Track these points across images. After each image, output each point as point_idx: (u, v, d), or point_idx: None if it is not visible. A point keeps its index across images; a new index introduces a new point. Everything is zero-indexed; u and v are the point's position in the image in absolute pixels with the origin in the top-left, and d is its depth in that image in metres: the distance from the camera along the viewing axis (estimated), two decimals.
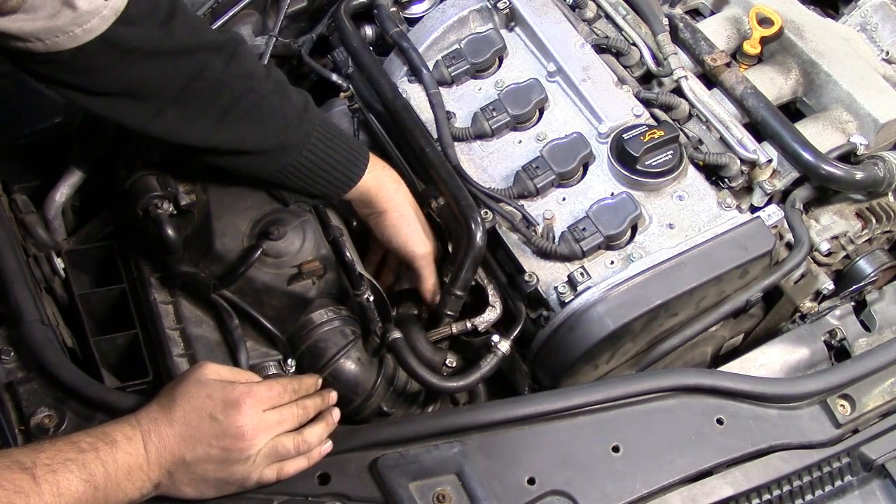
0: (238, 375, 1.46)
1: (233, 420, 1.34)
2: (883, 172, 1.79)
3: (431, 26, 2.02)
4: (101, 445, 1.27)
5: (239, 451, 1.34)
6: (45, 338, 1.50)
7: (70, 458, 1.23)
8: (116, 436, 1.29)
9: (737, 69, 1.92)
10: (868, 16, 2.12)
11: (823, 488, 1.55)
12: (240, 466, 1.35)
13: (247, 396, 1.37)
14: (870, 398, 1.59)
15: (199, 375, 1.39)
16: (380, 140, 2.06)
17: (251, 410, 1.36)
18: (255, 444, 1.35)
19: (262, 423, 1.37)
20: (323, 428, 1.44)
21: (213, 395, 1.36)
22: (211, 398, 1.35)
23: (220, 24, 2.13)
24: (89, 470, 1.23)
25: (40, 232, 1.75)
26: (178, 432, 1.32)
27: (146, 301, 1.75)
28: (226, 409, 1.34)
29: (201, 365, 1.42)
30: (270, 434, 1.37)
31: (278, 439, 1.38)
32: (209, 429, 1.33)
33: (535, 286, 1.67)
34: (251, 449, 1.35)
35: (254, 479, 1.37)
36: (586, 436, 1.49)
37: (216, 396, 1.35)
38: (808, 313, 1.85)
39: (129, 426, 1.32)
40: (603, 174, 1.80)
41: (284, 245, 1.69)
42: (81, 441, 1.26)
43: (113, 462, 1.26)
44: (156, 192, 1.70)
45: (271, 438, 1.37)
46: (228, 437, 1.34)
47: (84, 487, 1.22)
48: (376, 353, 1.71)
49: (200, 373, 1.40)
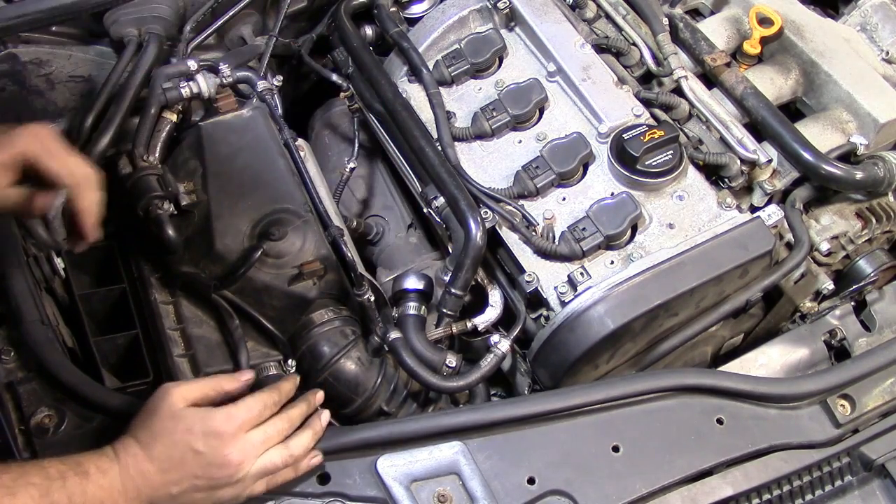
0: (204, 388, 1.39)
1: (216, 451, 1.31)
2: (883, 172, 1.79)
3: (431, 26, 2.02)
4: (71, 475, 1.22)
5: (227, 478, 1.32)
6: (45, 338, 1.50)
7: (33, 483, 1.18)
8: (90, 467, 1.24)
9: (737, 69, 1.92)
10: (868, 16, 2.12)
11: (823, 488, 1.56)
12: (229, 489, 1.33)
13: (227, 424, 1.32)
14: (870, 398, 1.59)
15: (172, 408, 1.32)
16: (380, 140, 2.07)
17: (233, 437, 1.33)
18: (243, 468, 1.33)
19: (247, 446, 1.33)
20: (309, 437, 1.41)
21: (193, 428, 1.31)
22: (191, 432, 1.30)
23: (221, 24, 2.13)
24: (52, 499, 1.18)
25: (40, 232, 1.74)
26: (159, 468, 1.29)
27: (146, 301, 1.75)
28: (207, 440, 1.31)
29: (167, 393, 1.34)
30: (257, 454, 1.34)
31: (266, 456, 1.36)
32: (193, 462, 1.30)
33: (535, 286, 1.67)
34: (239, 473, 1.33)
35: (244, 496, 1.35)
36: (586, 436, 1.49)
37: (196, 430, 1.31)
38: (808, 313, 1.85)
39: (106, 459, 1.28)
40: (603, 174, 1.80)
41: (285, 245, 1.69)
42: (51, 467, 1.21)
43: (81, 494, 1.22)
44: (156, 192, 1.70)
45: (261, 459, 1.35)
46: (214, 467, 1.31)
47: None
48: (377, 353, 1.71)
49: (170, 404, 1.33)
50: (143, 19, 1.97)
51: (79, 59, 1.95)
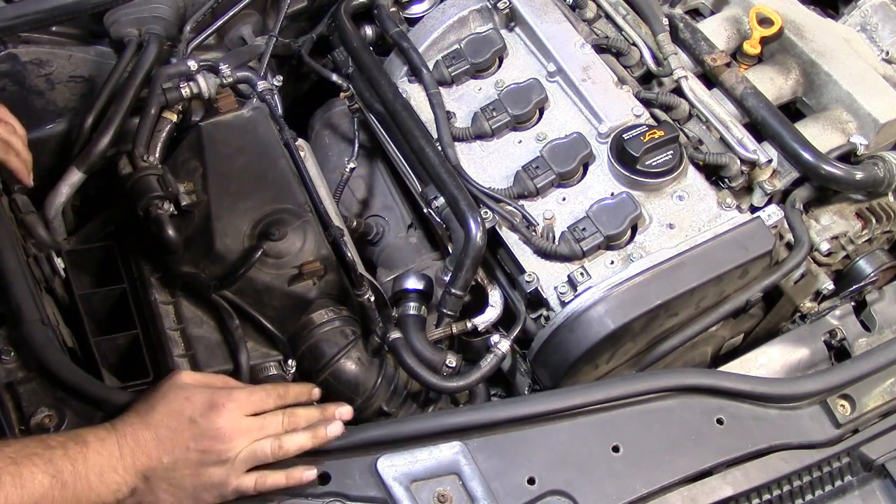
0: (214, 380, 1.43)
1: (211, 422, 1.32)
2: (883, 172, 1.79)
3: (431, 26, 2.02)
4: (71, 444, 1.25)
5: (217, 453, 1.32)
6: (45, 338, 1.49)
7: (36, 454, 1.21)
8: (88, 437, 1.28)
9: (737, 69, 1.92)
10: (868, 16, 2.12)
11: (823, 488, 1.55)
12: (217, 469, 1.33)
13: (227, 400, 1.35)
14: (870, 398, 1.59)
15: (177, 381, 1.37)
16: (380, 140, 2.07)
17: (230, 413, 1.34)
18: (234, 447, 1.33)
19: (242, 426, 1.34)
20: (306, 439, 1.39)
21: (192, 398, 1.34)
22: (190, 401, 1.34)
23: (221, 24, 2.13)
24: (56, 466, 1.22)
25: (40, 232, 1.74)
26: (155, 435, 1.30)
27: (147, 301, 1.75)
28: (205, 411, 1.33)
29: (176, 372, 1.40)
30: (250, 438, 1.35)
31: (257, 443, 1.36)
32: (187, 431, 1.32)
33: (535, 286, 1.68)
34: (229, 451, 1.33)
35: (232, 484, 1.34)
36: (586, 436, 1.49)
37: (195, 399, 1.34)
38: (808, 313, 1.85)
39: (103, 430, 1.30)
40: (603, 174, 1.80)
41: (285, 245, 1.69)
42: (50, 439, 1.25)
43: (83, 461, 1.24)
44: (156, 192, 1.70)
45: (251, 444, 1.35)
46: (206, 439, 1.32)
47: (50, 482, 1.20)
48: (377, 353, 1.71)
49: (177, 378, 1.37)
50: (143, 19, 1.97)
51: (79, 59, 1.96)
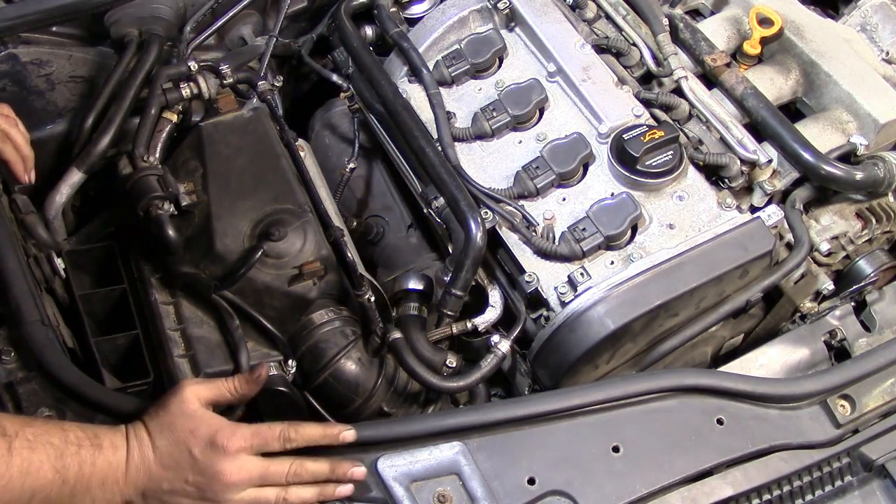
0: (220, 389, 1.40)
1: (212, 462, 1.30)
2: (883, 172, 1.79)
3: (431, 26, 2.02)
4: (87, 445, 1.25)
5: (214, 494, 1.31)
6: (45, 338, 1.49)
7: (52, 444, 1.22)
8: (104, 440, 1.27)
9: (737, 69, 1.92)
10: (868, 16, 2.12)
11: (823, 488, 1.55)
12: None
13: (229, 439, 1.31)
14: (870, 398, 1.59)
15: (183, 405, 1.33)
16: (380, 140, 2.07)
17: (232, 455, 1.31)
18: (232, 490, 1.31)
19: (244, 470, 1.31)
20: (313, 493, 1.35)
21: (197, 431, 1.31)
22: (194, 435, 1.31)
23: (221, 25, 2.13)
24: (64, 462, 1.22)
25: (40, 232, 1.74)
26: (159, 461, 1.30)
27: (147, 302, 1.75)
28: (206, 448, 1.30)
29: (182, 389, 1.35)
30: (251, 483, 1.32)
31: (260, 490, 1.33)
32: (188, 465, 1.30)
33: (535, 286, 1.68)
34: (227, 493, 1.31)
35: None
36: (586, 436, 1.49)
37: (199, 434, 1.31)
38: (808, 313, 1.85)
39: (120, 436, 1.30)
40: (603, 174, 1.80)
41: (285, 246, 1.69)
42: (71, 432, 1.25)
43: (91, 465, 1.24)
44: (156, 192, 1.70)
45: (254, 489, 1.32)
46: (205, 478, 1.30)
47: (53, 477, 1.21)
48: (377, 353, 1.71)
49: (182, 400, 1.34)
50: (144, 20, 1.97)
51: (79, 59, 1.96)
